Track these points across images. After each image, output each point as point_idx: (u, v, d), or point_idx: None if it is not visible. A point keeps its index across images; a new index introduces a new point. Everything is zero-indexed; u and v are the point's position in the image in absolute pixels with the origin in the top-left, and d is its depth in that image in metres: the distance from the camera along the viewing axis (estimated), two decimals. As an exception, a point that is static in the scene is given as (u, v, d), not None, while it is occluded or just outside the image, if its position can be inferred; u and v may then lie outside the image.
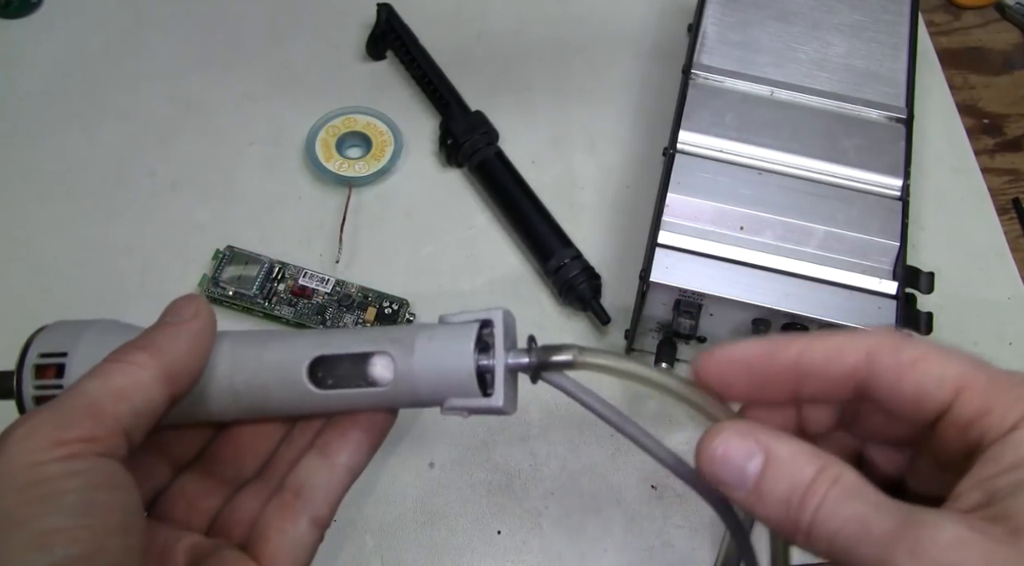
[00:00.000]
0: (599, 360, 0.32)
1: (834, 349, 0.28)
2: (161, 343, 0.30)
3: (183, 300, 0.32)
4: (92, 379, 0.29)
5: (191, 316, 0.31)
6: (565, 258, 0.54)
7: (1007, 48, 0.70)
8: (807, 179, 0.50)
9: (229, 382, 0.31)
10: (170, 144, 0.61)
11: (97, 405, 0.28)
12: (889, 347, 0.28)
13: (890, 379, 0.28)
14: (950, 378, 0.27)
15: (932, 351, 0.28)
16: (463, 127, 0.59)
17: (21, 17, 0.67)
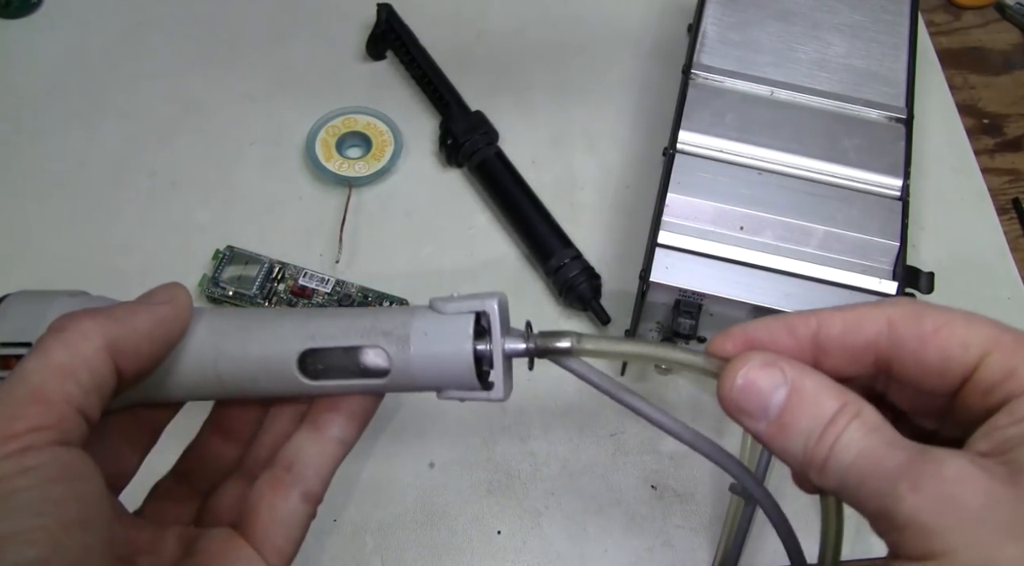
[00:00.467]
0: (598, 345, 0.31)
1: (853, 321, 0.28)
2: (115, 314, 0.28)
3: (161, 286, 0.30)
4: (32, 358, 0.26)
5: (162, 301, 0.30)
6: (565, 258, 0.54)
7: (1007, 48, 0.70)
8: (807, 179, 0.50)
9: (213, 368, 0.30)
10: (170, 144, 0.61)
11: (41, 389, 0.26)
12: (910, 316, 0.28)
13: (913, 348, 0.27)
14: (976, 342, 0.27)
15: (956, 316, 0.28)
16: (463, 127, 0.59)
17: (21, 17, 0.67)
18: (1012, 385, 0.26)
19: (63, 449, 0.25)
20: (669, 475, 0.50)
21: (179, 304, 0.30)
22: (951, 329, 0.27)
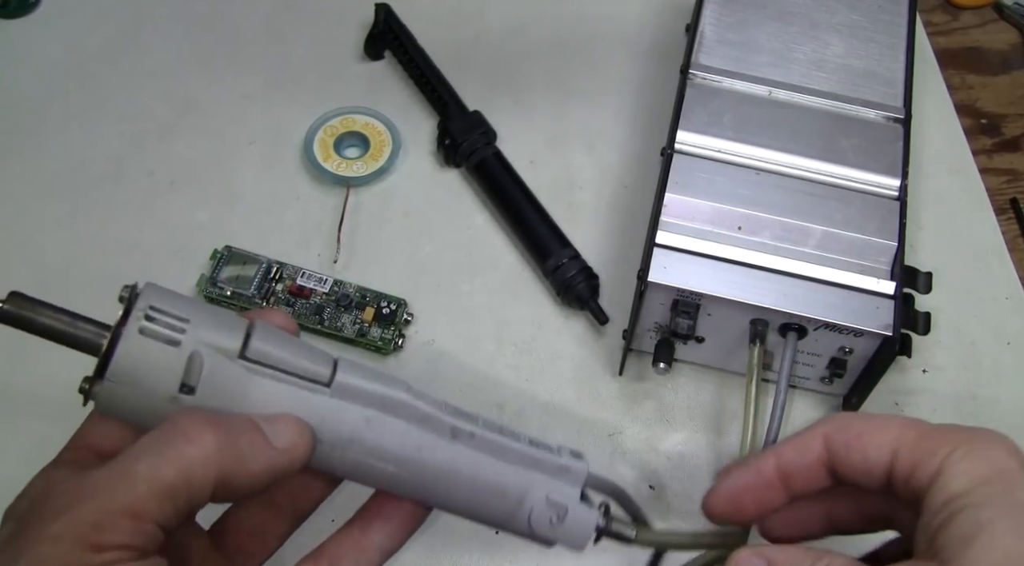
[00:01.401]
0: (656, 537, 0.36)
1: (800, 447, 0.33)
2: (237, 447, 0.27)
3: (287, 422, 0.29)
4: (144, 459, 0.26)
5: (285, 447, 0.29)
6: (563, 258, 0.54)
7: (1005, 48, 0.70)
8: (805, 179, 0.50)
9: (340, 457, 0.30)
10: (168, 144, 0.61)
11: (142, 506, 0.25)
12: (839, 429, 0.32)
13: (843, 455, 0.32)
14: (886, 443, 0.31)
15: (872, 421, 0.32)
16: (461, 127, 0.59)
17: (19, 17, 0.67)
18: (918, 476, 0.30)
19: (140, 563, 0.26)
20: (668, 475, 0.50)
21: (297, 456, 0.29)
22: (868, 434, 0.31)
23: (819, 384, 0.51)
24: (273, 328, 0.30)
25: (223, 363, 0.28)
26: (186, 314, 0.28)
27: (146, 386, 0.27)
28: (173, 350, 0.27)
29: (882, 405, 0.52)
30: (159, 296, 0.28)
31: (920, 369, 0.53)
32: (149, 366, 0.27)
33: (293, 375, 0.29)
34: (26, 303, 0.30)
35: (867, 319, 0.45)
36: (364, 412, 0.30)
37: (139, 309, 0.27)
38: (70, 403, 0.52)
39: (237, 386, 0.28)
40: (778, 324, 0.46)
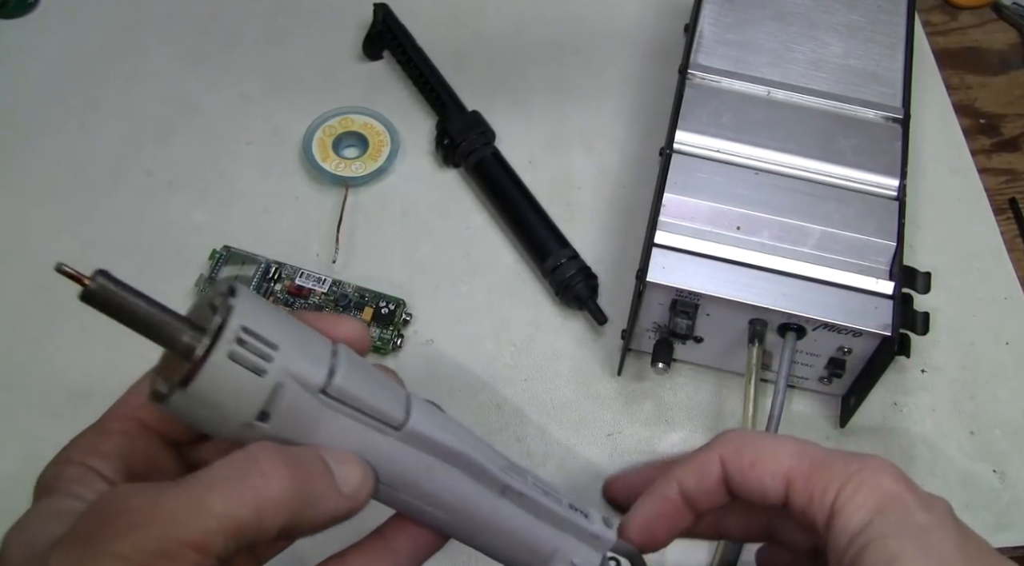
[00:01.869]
0: None
1: (698, 469, 0.34)
2: (308, 491, 0.27)
3: (353, 464, 0.28)
4: (219, 494, 0.25)
5: (350, 493, 0.28)
6: (562, 258, 0.54)
7: (1004, 48, 0.70)
8: (804, 179, 0.50)
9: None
10: (167, 144, 0.61)
11: (209, 540, 0.25)
12: (734, 453, 0.33)
13: (739, 481, 0.33)
14: (780, 473, 0.32)
15: (766, 448, 0.33)
16: (460, 127, 0.59)
17: (17, 17, 0.67)
18: (813, 512, 0.31)
19: None
20: (666, 475, 0.50)
21: (358, 502, 0.29)
22: (762, 462, 0.33)
23: (818, 384, 0.51)
24: (356, 359, 0.30)
25: (303, 396, 0.27)
26: (276, 338, 0.27)
27: (224, 408, 0.26)
28: (258, 379, 0.26)
29: (881, 405, 0.52)
30: (253, 313, 0.27)
31: (919, 369, 0.53)
32: (231, 391, 0.26)
33: (367, 415, 0.29)
34: (113, 285, 0.28)
35: (866, 319, 0.45)
36: (427, 459, 0.30)
37: (232, 329, 0.26)
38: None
39: (311, 419, 0.28)
40: (777, 324, 0.46)
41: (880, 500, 0.30)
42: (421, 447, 0.30)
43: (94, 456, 0.29)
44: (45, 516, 0.28)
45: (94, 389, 0.51)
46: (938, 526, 0.30)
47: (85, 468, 0.29)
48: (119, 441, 0.30)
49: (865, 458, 0.32)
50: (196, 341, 0.26)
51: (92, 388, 0.51)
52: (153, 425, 0.31)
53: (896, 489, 0.31)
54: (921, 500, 0.31)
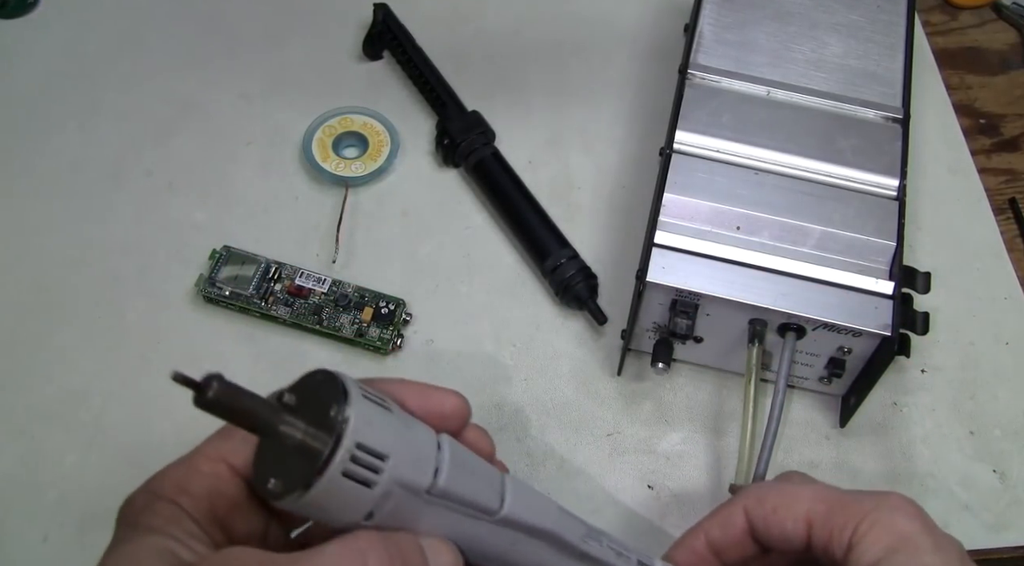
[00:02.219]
0: None
1: (724, 522, 0.36)
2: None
3: (448, 555, 0.29)
4: None
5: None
6: (562, 258, 0.54)
7: (1004, 48, 0.70)
8: (804, 179, 0.50)
9: None
10: (167, 144, 0.61)
11: None
12: (756, 503, 0.36)
13: (763, 529, 0.35)
14: (800, 517, 0.34)
15: (787, 494, 0.35)
16: (460, 127, 0.59)
17: (17, 17, 0.67)
18: (834, 550, 0.33)
19: None
20: (666, 475, 0.50)
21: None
22: (784, 509, 0.35)
23: (818, 384, 0.51)
24: (458, 453, 0.30)
25: (407, 498, 0.28)
26: (387, 448, 0.27)
27: (332, 512, 0.27)
28: (368, 490, 0.27)
29: (881, 405, 0.52)
30: (365, 423, 0.27)
31: (919, 369, 0.53)
32: (341, 501, 0.27)
33: (466, 507, 0.30)
34: (228, 389, 0.28)
35: (866, 319, 0.45)
36: (514, 536, 0.31)
37: (346, 448, 0.26)
38: (69, 404, 0.52)
39: (413, 515, 0.29)
40: (777, 324, 0.46)
41: (893, 539, 0.32)
42: (511, 527, 0.31)
43: (184, 496, 0.29)
44: (155, 555, 0.27)
45: (94, 389, 0.51)
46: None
47: (177, 508, 0.29)
48: (209, 483, 0.30)
49: (882, 496, 0.34)
50: (312, 452, 0.26)
51: (92, 388, 0.51)
52: (241, 471, 0.31)
53: (910, 528, 0.33)
54: (935, 541, 0.32)
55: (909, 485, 0.49)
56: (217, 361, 0.52)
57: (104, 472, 0.48)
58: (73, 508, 0.47)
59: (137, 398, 0.51)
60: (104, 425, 0.50)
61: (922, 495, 0.49)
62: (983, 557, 0.48)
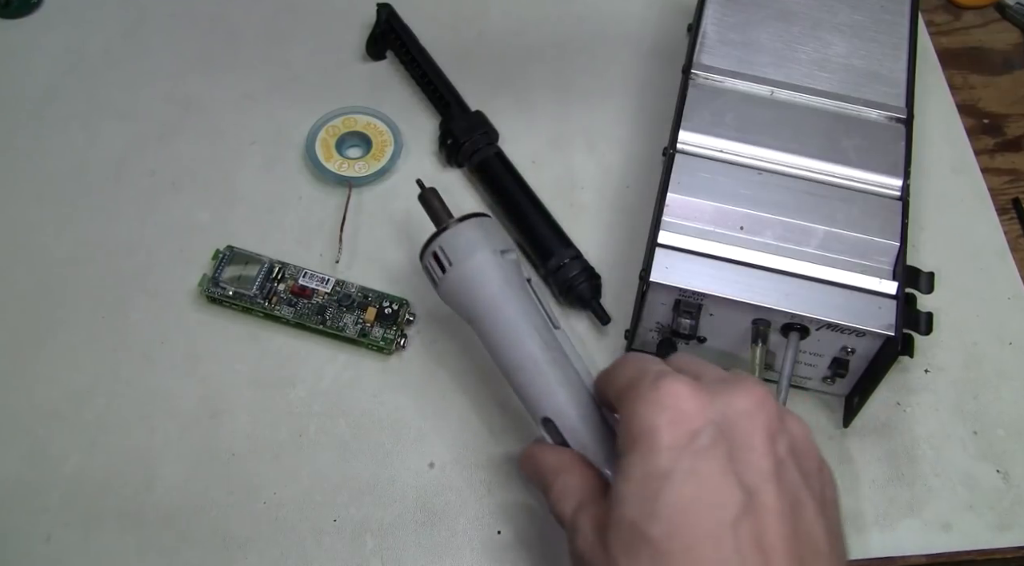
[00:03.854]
0: None
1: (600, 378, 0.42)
2: None
3: None
4: None
5: None
6: (565, 258, 0.54)
7: (1007, 48, 0.70)
8: (807, 179, 0.50)
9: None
10: (170, 144, 0.61)
11: None
12: (612, 366, 0.40)
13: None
14: (615, 390, 0.38)
15: (619, 364, 0.39)
16: (463, 127, 0.59)
17: (21, 17, 0.67)
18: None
19: None
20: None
21: None
22: (608, 377, 0.40)
23: (821, 384, 0.51)
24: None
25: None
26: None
27: (459, 252, 0.47)
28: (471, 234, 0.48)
29: (884, 405, 0.52)
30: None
31: (922, 369, 0.53)
32: (462, 239, 0.47)
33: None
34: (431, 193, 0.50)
35: (869, 319, 0.45)
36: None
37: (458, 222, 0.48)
38: (71, 403, 0.52)
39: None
40: (780, 324, 0.46)
41: (629, 439, 0.35)
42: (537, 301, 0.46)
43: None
44: None
45: (97, 389, 0.51)
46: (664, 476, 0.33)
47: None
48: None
49: (653, 378, 0.35)
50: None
51: (95, 388, 0.51)
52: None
53: (648, 423, 0.34)
54: (673, 438, 0.34)
55: (912, 485, 0.49)
56: (220, 361, 0.52)
57: (107, 472, 0.48)
58: (76, 508, 0.47)
59: (140, 398, 0.51)
60: (107, 425, 0.50)
61: (925, 495, 0.49)
62: (987, 557, 0.48)
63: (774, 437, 0.34)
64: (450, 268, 0.46)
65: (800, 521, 0.33)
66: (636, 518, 0.32)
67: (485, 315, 0.45)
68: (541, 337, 0.44)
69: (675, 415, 0.33)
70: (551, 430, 0.43)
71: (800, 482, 0.34)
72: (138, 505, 0.47)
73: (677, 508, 0.32)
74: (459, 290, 0.46)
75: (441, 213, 0.49)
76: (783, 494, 0.32)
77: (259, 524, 0.47)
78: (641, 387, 0.35)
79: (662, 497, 0.32)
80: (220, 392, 0.51)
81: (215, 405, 0.51)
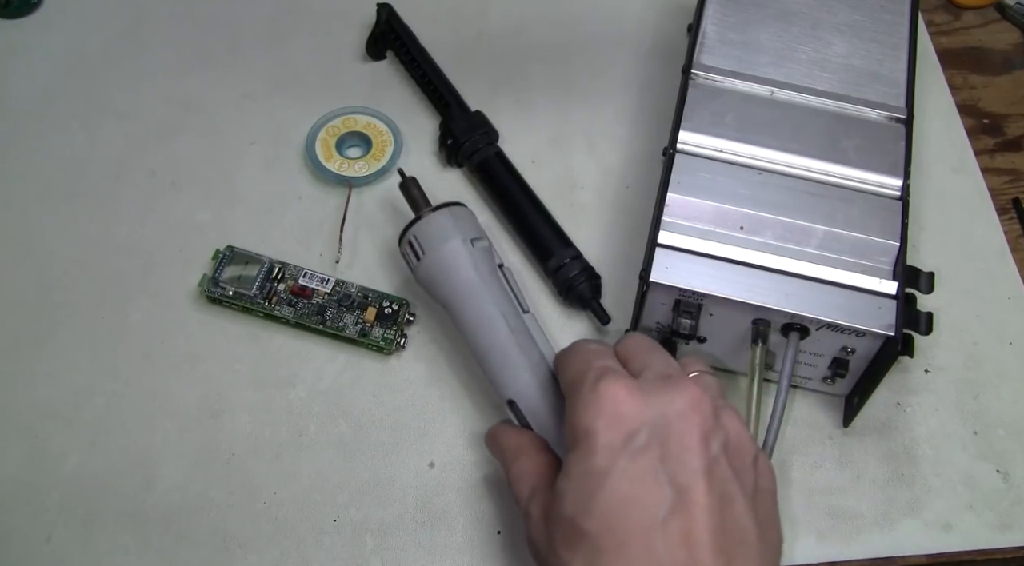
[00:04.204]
0: None
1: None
2: None
3: None
4: None
5: None
6: (565, 258, 0.54)
7: (1007, 48, 0.70)
8: (807, 179, 0.50)
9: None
10: (170, 144, 0.61)
11: None
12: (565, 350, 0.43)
13: None
14: (564, 383, 0.40)
15: (569, 351, 0.42)
16: (463, 127, 0.59)
17: (21, 17, 0.67)
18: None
19: None
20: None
21: None
22: (561, 368, 0.42)
23: (821, 384, 0.51)
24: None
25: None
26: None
27: (433, 240, 0.49)
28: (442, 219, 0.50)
29: (884, 405, 0.52)
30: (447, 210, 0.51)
31: (922, 369, 0.53)
32: (435, 226, 0.49)
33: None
34: (411, 184, 0.52)
35: (869, 319, 0.45)
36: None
37: (434, 210, 0.50)
38: (71, 403, 0.52)
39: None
40: (780, 324, 0.46)
41: (572, 438, 0.37)
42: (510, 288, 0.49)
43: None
44: None
45: (97, 389, 0.51)
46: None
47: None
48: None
49: (593, 375, 0.37)
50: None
51: (95, 388, 0.51)
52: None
53: (585, 424, 0.36)
54: (606, 440, 0.36)
55: (913, 485, 0.49)
56: (220, 361, 0.52)
57: (107, 472, 0.48)
58: (76, 508, 0.47)
59: (140, 398, 0.51)
60: (107, 425, 0.50)
61: (925, 495, 0.49)
62: (987, 557, 0.48)
63: (707, 436, 0.35)
64: (423, 256, 0.49)
65: (729, 515, 0.34)
66: (574, 514, 0.35)
67: (457, 301, 0.48)
68: (508, 323, 0.46)
69: (612, 418, 0.35)
70: (515, 411, 0.45)
71: (731, 477, 0.35)
72: (138, 505, 0.47)
73: (611, 506, 0.34)
74: (433, 277, 0.49)
75: (420, 202, 0.51)
76: (712, 491, 0.34)
77: (259, 524, 0.47)
78: (583, 388, 0.36)
79: (598, 495, 0.34)
80: (220, 392, 0.51)
81: (215, 405, 0.51)
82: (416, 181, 0.52)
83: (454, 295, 0.48)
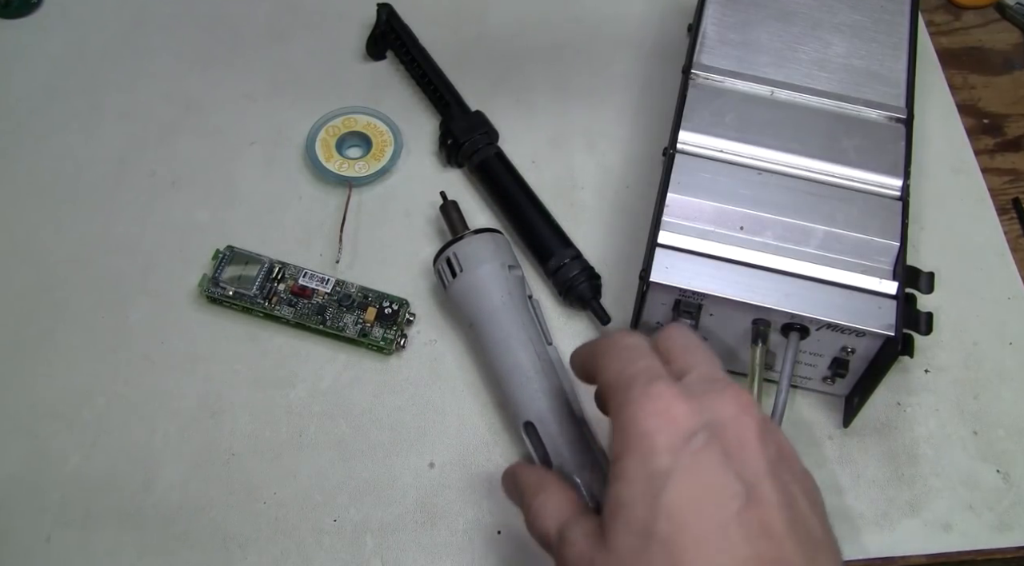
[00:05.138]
0: None
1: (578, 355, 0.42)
2: None
3: None
4: None
5: None
6: (565, 258, 0.54)
7: (1007, 48, 0.70)
8: (807, 179, 0.50)
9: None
10: (170, 144, 0.61)
11: None
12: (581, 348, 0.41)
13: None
14: (601, 385, 0.38)
15: (594, 346, 0.40)
16: (463, 127, 0.59)
17: (21, 17, 0.67)
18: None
19: None
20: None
21: None
22: (589, 363, 0.40)
23: (821, 384, 0.51)
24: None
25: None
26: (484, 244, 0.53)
27: (471, 261, 0.51)
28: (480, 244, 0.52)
29: (884, 405, 0.52)
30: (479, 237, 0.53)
31: (922, 369, 0.53)
32: (474, 249, 0.52)
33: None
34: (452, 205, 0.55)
35: (869, 319, 0.45)
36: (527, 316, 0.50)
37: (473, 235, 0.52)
38: (72, 403, 0.52)
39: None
40: (780, 324, 0.46)
41: (620, 444, 0.35)
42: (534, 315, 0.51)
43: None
44: None
45: (97, 389, 0.51)
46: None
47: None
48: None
49: (629, 387, 0.36)
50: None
51: (95, 388, 0.51)
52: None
53: (635, 429, 0.35)
54: (642, 443, 0.35)
55: (912, 485, 0.49)
56: (220, 361, 0.52)
57: (107, 472, 0.48)
58: (76, 508, 0.47)
59: (140, 398, 0.51)
60: (107, 425, 0.50)
61: (925, 495, 0.49)
62: (987, 557, 0.48)
63: (764, 440, 0.35)
64: (460, 274, 0.50)
65: (798, 513, 0.33)
66: (643, 518, 0.33)
67: (485, 320, 0.49)
68: (534, 349, 0.48)
69: (669, 420, 0.34)
70: (531, 434, 0.46)
71: (791, 479, 0.35)
72: (138, 505, 0.47)
73: (683, 504, 0.33)
74: (465, 294, 0.50)
75: (458, 224, 0.54)
76: (779, 489, 0.33)
77: (259, 524, 0.47)
78: (632, 391, 0.35)
79: (666, 495, 0.33)
80: (220, 392, 0.51)
81: (215, 405, 0.51)
82: (456, 204, 0.55)
83: (483, 314, 0.49)
